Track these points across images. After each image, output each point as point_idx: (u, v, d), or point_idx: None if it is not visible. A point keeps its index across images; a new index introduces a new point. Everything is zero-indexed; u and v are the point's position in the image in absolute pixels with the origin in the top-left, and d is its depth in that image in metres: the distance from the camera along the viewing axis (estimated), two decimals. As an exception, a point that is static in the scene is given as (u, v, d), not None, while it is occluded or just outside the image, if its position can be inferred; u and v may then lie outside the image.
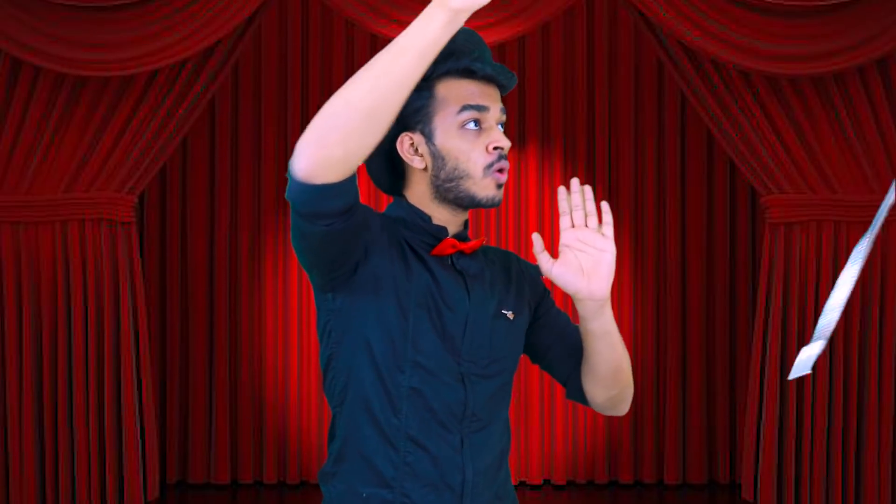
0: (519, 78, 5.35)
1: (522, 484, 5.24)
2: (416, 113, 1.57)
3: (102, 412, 4.56)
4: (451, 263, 1.61)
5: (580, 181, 1.55)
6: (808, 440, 4.52)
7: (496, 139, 1.57)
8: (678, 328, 5.32)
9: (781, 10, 4.40)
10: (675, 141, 5.35)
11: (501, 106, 1.61)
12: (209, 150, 5.36)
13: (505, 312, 1.64)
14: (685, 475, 5.29)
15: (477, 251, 1.67)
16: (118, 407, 4.57)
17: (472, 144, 1.57)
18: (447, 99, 1.57)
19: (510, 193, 5.35)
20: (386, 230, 1.56)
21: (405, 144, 1.59)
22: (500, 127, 1.61)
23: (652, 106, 5.36)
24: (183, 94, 4.60)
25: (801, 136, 4.59)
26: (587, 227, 1.54)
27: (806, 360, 1.36)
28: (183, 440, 5.32)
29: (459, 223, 1.64)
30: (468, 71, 1.58)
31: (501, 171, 1.58)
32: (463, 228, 1.66)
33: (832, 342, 4.56)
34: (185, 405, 5.32)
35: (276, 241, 5.34)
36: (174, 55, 4.42)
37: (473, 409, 1.57)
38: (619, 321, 5.27)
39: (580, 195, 1.54)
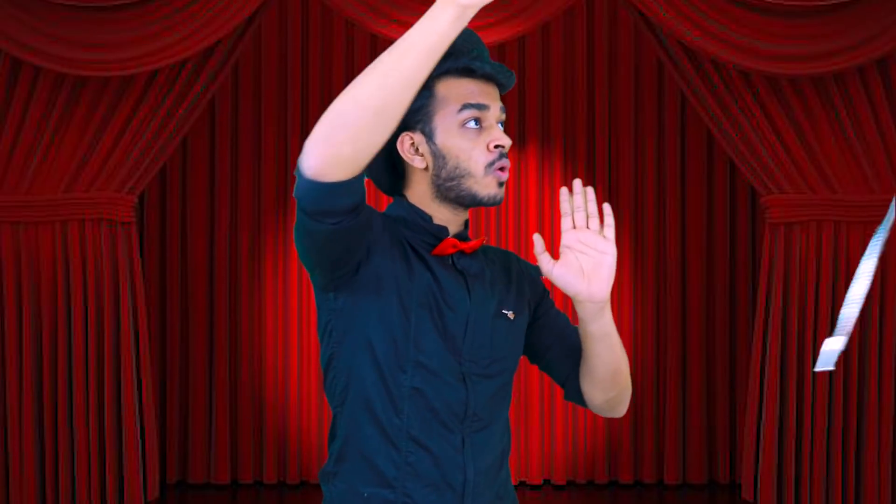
0: (519, 78, 5.36)
1: (522, 484, 5.24)
2: (416, 112, 1.57)
3: (102, 412, 4.56)
4: (451, 263, 1.60)
5: (580, 181, 1.55)
6: (808, 440, 4.51)
7: (497, 137, 1.57)
8: (678, 328, 5.32)
9: (781, 10, 4.40)
10: (675, 141, 5.35)
11: (501, 105, 1.61)
12: (209, 150, 5.36)
13: (505, 312, 1.64)
14: (685, 475, 5.29)
15: (477, 251, 1.66)
16: (118, 407, 4.57)
17: (472, 143, 1.57)
18: (447, 98, 1.56)
19: (510, 193, 5.34)
20: (387, 230, 1.56)
21: (405, 144, 1.59)
22: (500, 125, 1.61)
23: (652, 106, 5.36)
24: (183, 94, 4.60)
25: (801, 136, 4.59)
26: (588, 228, 1.54)
27: (829, 353, 1.37)
28: (183, 440, 5.32)
29: (460, 223, 1.64)
30: (467, 70, 1.57)
31: (503, 169, 1.58)
32: (463, 228, 1.66)
33: (832, 342, 4.56)
34: (185, 405, 5.32)
35: (276, 241, 5.34)
36: (174, 55, 4.42)
37: (475, 408, 1.57)
38: (619, 321, 5.26)
39: (582, 196, 1.54)
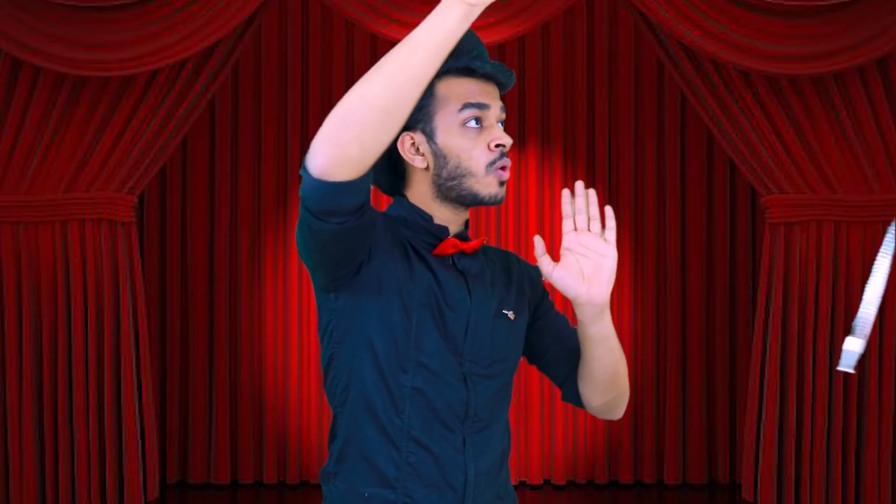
0: (519, 78, 5.36)
1: (522, 484, 5.24)
2: (416, 112, 1.57)
3: (102, 412, 4.55)
4: (452, 263, 1.60)
5: (580, 181, 1.54)
6: (808, 440, 4.51)
7: (498, 136, 1.57)
8: (678, 328, 5.32)
9: (781, 10, 4.40)
10: (675, 141, 5.35)
11: (501, 104, 1.61)
12: (209, 150, 5.36)
13: (506, 312, 1.64)
14: (685, 475, 5.29)
15: (477, 251, 1.66)
16: (118, 407, 4.57)
17: (473, 142, 1.56)
18: (447, 97, 1.56)
19: (510, 193, 5.34)
20: (389, 230, 1.56)
21: (406, 144, 1.58)
22: (500, 125, 1.60)
23: (652, 106, 5.36)
24: (183, 94, 4.60)
25: (801, 136, 4.58)
26: (590, 231, 1.53)
27: (849, 354, 1.36)
28: (183, 440, 5.32)
29: (461, 222, 1.64)
30: (468, 69, 1.57)
31: (504, 168, 1.58)
32: (464, 228, 1.65)
33: (832, 341, 4.56)
34: (185, 405, 5.32)
35: (276, 241, 5.34)
36: (174, 55, 4.42)
37: (475, 409, 1.57)
38: (619, 321, 5.26)
39: (584, 199, 1.53)
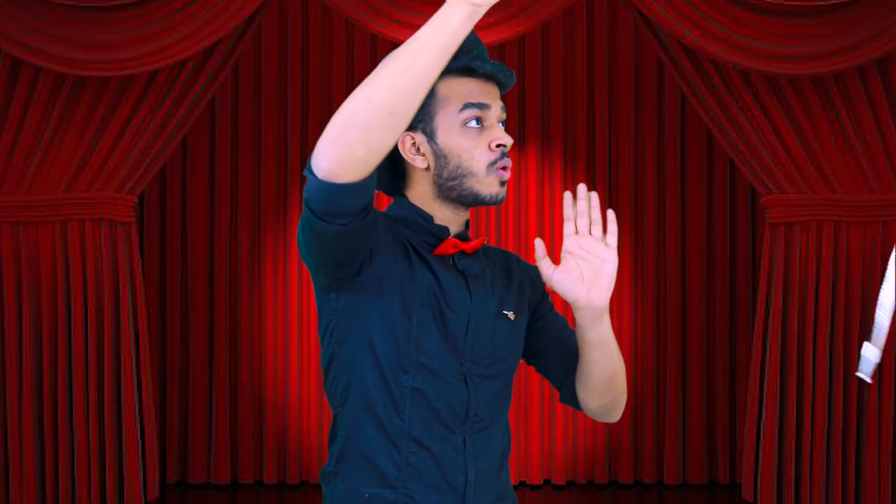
0: (519, 78, 5.36)
1: (522, 484, 5.24)
2: (417, 112, 1.56)
3: (102, 412, 4.55)
4: (452, 263, 1.60)
5: (580, 181, 1.54)
6: (808, 440, 4.51)
7: (498, 136, 1.57)
8: (678, 328, 5.32)
9: (781, 10, 4.40)
10: (675, 141, 5.35)
11: (502, 104, 1.61)
12: (209, 150, 5.36)
13: (506, 313, 1.64)
14: (685, 475, 5.29)
15: (477, 251, 1.66)
16: (118, 407, 4.57)
17: (474, 142, 1.56)
18: (448, 97, 1.56)
19: (510, 193, 5.34)
20: (390, 230, 1.56)
21: (407, 144, 1.58)
22: (500, 125, 1.60)
23: (652, 106, 5.36)
24: (183, 94, 4.60)
25: (801, 136, 4.59)
26: (591, 235, 1.53)
27: (867, 362, 1.36)
28: (183, 440, 5.32)
29: (461, 223, 1.64)
30: (468, 69, 1.57)
31: (504, 168, 1.57)
32: (464, 228, 1.65)
33: (832, 341, 4.56)
34: (185, 405, 5.32)
35: (276, 241, 5.34)
36: (174, 55, 4.42)
37: (476, 409, 1.56)
38: (619, 321, 5.27)
39: (586, 202, 1.53)
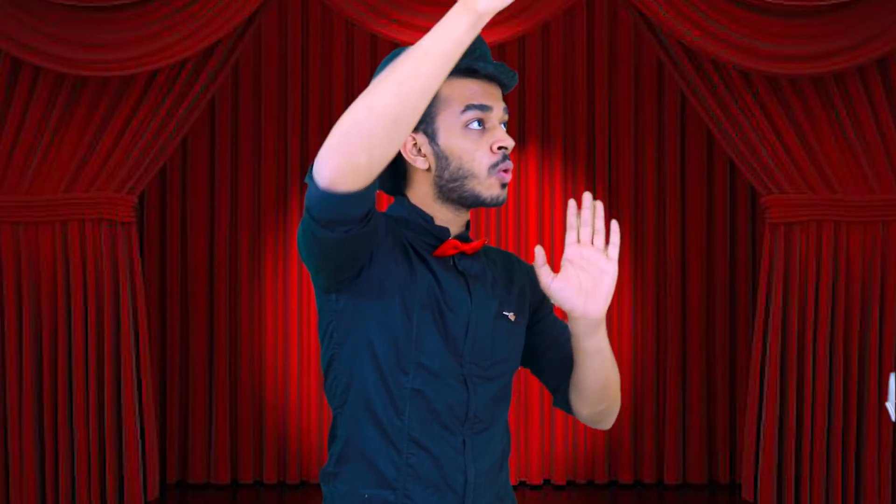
0: (519, 78, 5.35)
1: (522, 484, 5.24)
2: (418, 113, 1.57)
3: (102, 412, 4.55)
4: (452, 264, 1.60)
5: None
6: (808, 440, 4.51)
7: (500, 139, 1.56)
8: (678, 328, 5.32)
9: (781, 10, 4.40)
10: (675, 141, 5.35)
11: (504, 105, 1.60)
12: (209, 150, 5.36)
13: (506, 313, 1.63)
14: (685, 475, 5.29)
15: (478, 252, 1.66)
16: (118, 407, 4.57)
17: (476, 144, 1.56)
18: (450, 98, 1.55)
19: (510, 194, 5.34)
20: (390, 232, 1.55)
21: (408, 145, 1.58)
22: (502, 126, 1.60)
23: (652, 106, 5.36)
24: (183, 94, 4.60)
25: (801, 136, 4.59)
26: (593, 244, 1.52)
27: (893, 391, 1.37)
28: (183, 440, 5.32)
29: (461, 224, 1.63)
30: (470, 70, 1.56)
31: (506, 170, 1.57)
32: (465, 229, 1.65)
33: (832, 341, 4.56)
34: (185, 405, 5.32)
35: (276, 241, 5.34)
36: (174, 55, 4.42)
37: (476, 410, 1.56)
38: (618, 321, 5.27)
39: (590, 211, 1.52)
